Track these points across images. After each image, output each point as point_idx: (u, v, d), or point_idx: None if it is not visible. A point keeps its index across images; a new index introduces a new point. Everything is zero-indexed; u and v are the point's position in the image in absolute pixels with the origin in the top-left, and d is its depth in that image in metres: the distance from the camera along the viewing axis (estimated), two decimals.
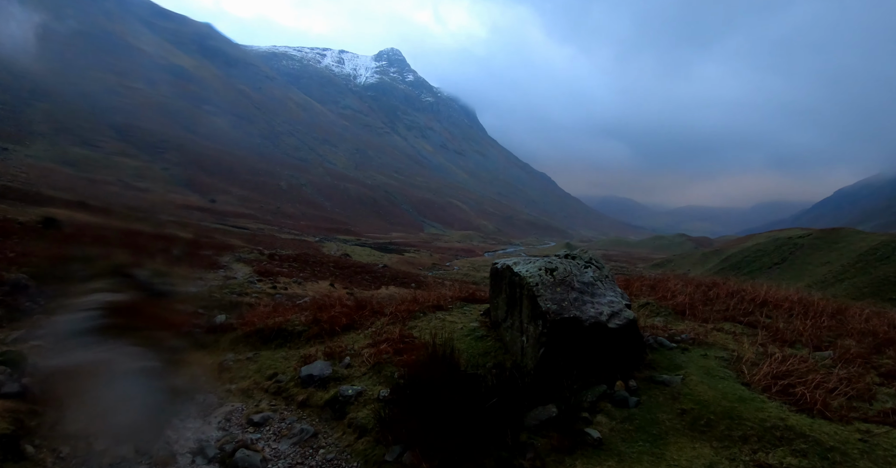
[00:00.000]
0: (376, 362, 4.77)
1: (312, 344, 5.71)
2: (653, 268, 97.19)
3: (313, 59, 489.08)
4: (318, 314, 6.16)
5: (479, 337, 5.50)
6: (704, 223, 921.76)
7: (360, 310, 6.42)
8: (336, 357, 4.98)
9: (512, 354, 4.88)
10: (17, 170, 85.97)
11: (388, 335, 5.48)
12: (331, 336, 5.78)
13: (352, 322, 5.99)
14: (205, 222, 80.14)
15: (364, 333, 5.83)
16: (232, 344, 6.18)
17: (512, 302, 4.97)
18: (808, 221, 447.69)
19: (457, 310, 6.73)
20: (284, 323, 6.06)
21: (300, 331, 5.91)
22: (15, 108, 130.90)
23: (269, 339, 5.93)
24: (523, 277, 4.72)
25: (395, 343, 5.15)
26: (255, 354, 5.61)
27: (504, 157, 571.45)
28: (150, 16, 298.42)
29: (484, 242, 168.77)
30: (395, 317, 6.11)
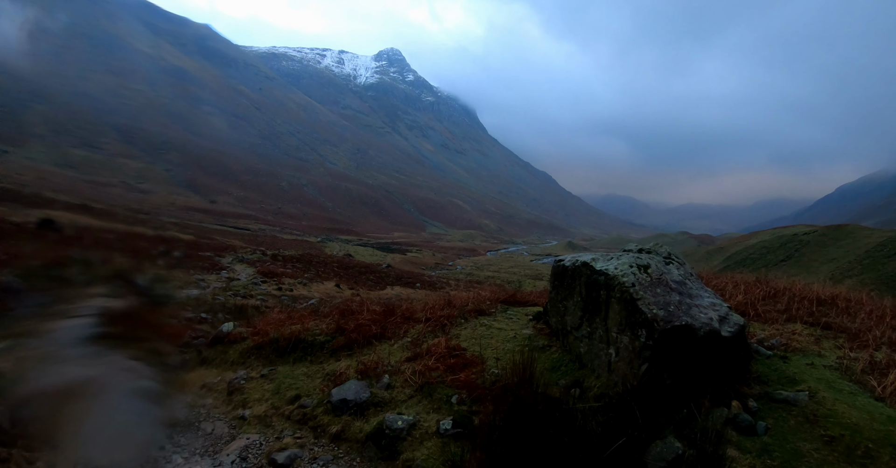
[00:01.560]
0: (424, 383, 3.82)
1: (339, 357, 4.77)
2: None
3: (313, 60, 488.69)
4: (342, 321, 5.21)
5: (538, 347, 4.57)
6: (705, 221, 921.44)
7: (390, 316, 5.47)
8: (372, 375, 4.04)
9: (593, 370, 3.95)
10: (14, 172, 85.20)
11: (430, 347, 4.54)
12: (359, 347, 4.83)
13: (382, 330, 5.04)
14: (205, 223, 79.33)
15: (399, 344, 4.88)
16: (242, 357, 5.23)
17: (591, 306, 4.03)
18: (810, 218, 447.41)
19: (500, 314, 5.81)
20: (303, 332, 5.11)
21: (322, 343, 4.96)
22: (12, 110, 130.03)
23: (286, 352, 4.98)
24: (613, 276, 3.78)
25: (444, 357, 4.20)
26: (270, 371, 4.66)
27: (505, 156, 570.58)
28: (150, 17, 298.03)
29: (486, 241, 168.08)
30: (434, 325, 5.17)
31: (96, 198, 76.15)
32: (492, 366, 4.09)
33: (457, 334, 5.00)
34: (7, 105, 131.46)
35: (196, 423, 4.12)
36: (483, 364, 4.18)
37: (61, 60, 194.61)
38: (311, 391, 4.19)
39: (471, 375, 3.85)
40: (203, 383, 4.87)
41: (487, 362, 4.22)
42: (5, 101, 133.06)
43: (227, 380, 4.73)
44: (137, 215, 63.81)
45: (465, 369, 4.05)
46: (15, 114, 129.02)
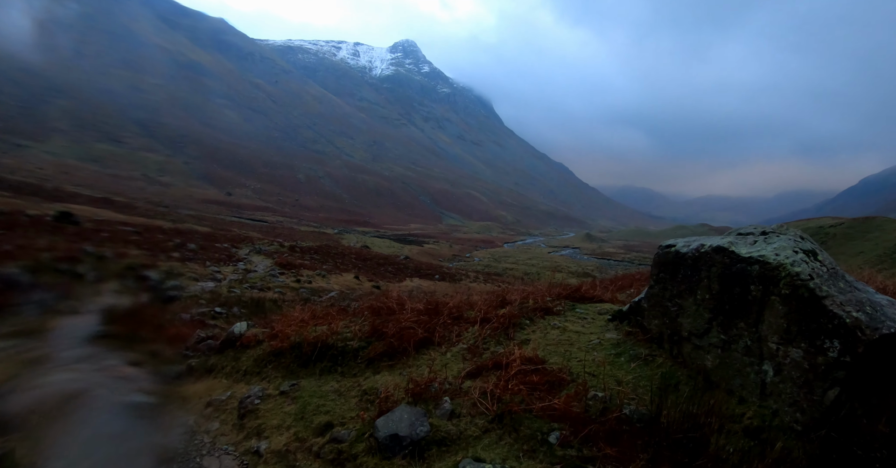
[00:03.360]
0: (503, 410, 2.77)
1: (377, 368, 3.74)
2: None
3: (329, 52, 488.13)
4: (379, 322, 4.18)
5: (637, 358, 3.51)
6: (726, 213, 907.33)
7: (435, 315, 4.42)
8: (427, 397, 3.00)
9: (730, 392, 2.88)
10: (34, 166, 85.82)
11: (497, 357, 3.49)
12: (403, 357, 3.80)
13: (429, 334, 4.00)
14: (222, 215, 79.26)
15: (453, 352, 3.84)
16: (257, 365, 4.23)
17: (730, 306, 2.94)
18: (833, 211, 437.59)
19: (569, 313, 4.74)
20: (331, 336, 4.11)
21: (356, 350, 3.96)
22: (31, 105, 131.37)
23: (311, 360, 3.97)
24: (777, 266, 2.71)
25: (520, 372, 3.15)
26: (292, 386, 3.65)
27: (521, 148, 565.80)
28: (167, 12, 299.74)
29: (503, 233, 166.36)
30: (492, 327, 4.11)
31: (119, 191, 76.46)
32: (591, 386, 3.02)
33: (525, 339, 3.95)
34: (26, 100, 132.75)
35: (197, 458, 3.14)
36: (575, 382, 3.12)
37: (81, 56, 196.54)
38: (345, 417, 3.16)
39: (570, 401, 2.79)
40: (209, 399, 3.89)
41: (580, 379, 3.17)
42: (24, 97, 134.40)
43: (239, 396, 3.74)
44: (157, 208, 63.72)
45: (554, 390, 2.99)
46: (34, 109, 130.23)
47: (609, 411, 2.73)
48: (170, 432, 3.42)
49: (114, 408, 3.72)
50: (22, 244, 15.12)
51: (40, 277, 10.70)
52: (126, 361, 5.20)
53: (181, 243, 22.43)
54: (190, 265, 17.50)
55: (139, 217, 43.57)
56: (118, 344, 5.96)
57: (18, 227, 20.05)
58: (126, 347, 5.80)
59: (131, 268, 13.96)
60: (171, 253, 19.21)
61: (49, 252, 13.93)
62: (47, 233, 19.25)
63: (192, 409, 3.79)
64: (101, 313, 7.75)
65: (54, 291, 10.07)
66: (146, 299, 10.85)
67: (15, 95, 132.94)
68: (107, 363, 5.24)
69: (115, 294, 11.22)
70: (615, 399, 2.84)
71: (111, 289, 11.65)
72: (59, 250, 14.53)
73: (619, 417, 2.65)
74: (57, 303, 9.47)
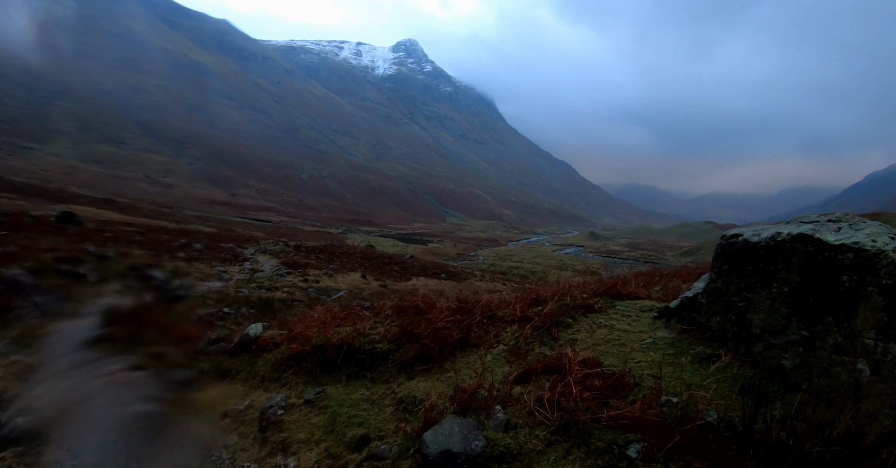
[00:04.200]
0: (568, 420, 2.43)
1: (411, 373, 3.41)
2: (682, 256, 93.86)
3: (331, 52, 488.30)
4: (408, 323, 3.86)
5: (700, 358, 3.19)
6: (729, 210, 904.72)
7: (467, 314, 4.08)
8: (476, 406, 2.66)
9: (813, 394, 2.55)
10: (38, 167, 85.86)
11: (547, 359, 3.16)
12: (438, 359, 3.47)
13: (466, 335, 3.67)
14: (226, 216, 79.11)
15: (493, 354, 3.51)
16: (275, 370, 3.88)
17: (815, 298, 2.61)
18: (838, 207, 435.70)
19: (611, 310, 4.42)
20: (356, 337, 3.77)
21: (385, 353, 3.66)
22: (35, 107, 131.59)
23: (336, 365, 3.64)
24: (875, 253, 2.38)
25: (581, 376, 2.81)
26: (318, 394, 3.30)
27: (524, 146, 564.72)
28: (169, 13, 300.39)
29: (507, 232, 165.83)
30: (533, 326, 3.78)
31: (122, 192, 76.41)
32: (659, 389, 2.68)
33: (571, 339, 3.62)
34: (29, 102, 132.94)
35: None
36: (640, 386, 2.79)
37: (84, 58, 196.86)
38: (383, 430, 2.81)
39: (643, 408, 2.45)
40: (225, 409, 3.55)
41: (645, 382, 2.84)
42: (28, 99, 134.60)
43: (258, 405, 3.41)
44: (160, 209, 63.61)
45: (619, 395, 2.66)
46: (38, 111, 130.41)
47: (689, 419, 2.39)
48: (183, 447, 3.09)
49: (117, 419, 3.40)
50: (25, 245, 14.87)
51: (42, 279, 10.43)
52: (129, 365, 4.88)
53: (186, 243, 22.18)
54: (196, 265, 17.23)
55: (142, 218, 43.40)
56: (120, 347, 5.63)
57: (22, 228, 19.82)
58: (129, 350, 5.48)
59: (135, 268, 13.65)
60: (177, 253, 18.96)
61: (51, 253, 13.66)
62: (50, 233, 19.01)
63: (206, 420, 3.46)
64: (103, 314, 7.43)
65: (55, 293, 9.78)
66: (150, 299, 10.57)
67: (19, 97, 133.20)
68: (108, 368, 4.92)
69: (118, 294, 10.93)
70: (692, 404, 2.51)
71: (113, 290, 11.36)
72: (61, 251, 14.26)
73: (702, 426, 2.31)
74: (58, 305, 9.17)
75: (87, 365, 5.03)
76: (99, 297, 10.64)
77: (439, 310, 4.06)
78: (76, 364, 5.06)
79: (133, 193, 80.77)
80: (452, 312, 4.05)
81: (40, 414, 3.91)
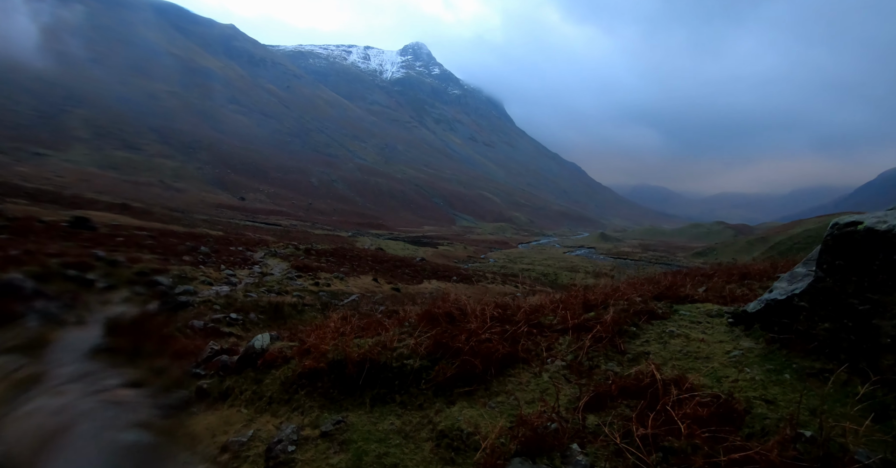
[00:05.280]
0: (678, 466, 1.81)
1: (450, 396, 2.76)
2: (694, 257, 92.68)
3: (339, 57, 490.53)
4: (442, 334, 3.24)
5: (808, 375, 2.55)
6: (740, 210, 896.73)
7: (508, 322, 3.46)
8: (548, 445, 2.02)
9: None
10: (53, 174, 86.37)
11: (622, 379, 2.54)
12: (483, 379, 2.84)
13: (513, 349, 3.04)
14: (236, 219, 79.10)
15: (550, 372, 2.88)
16: (285, 390, 3.23)
17: None
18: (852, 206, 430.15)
19: (675, 316, 3.77)
20: (381, 351, 3.13)
21: (417, 371, 3.04)
22: (49, 114, 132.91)
23: (357, 385, 3.01)
24: None
25: (675, 403, 2.18)
26: (337, 424, 2.65)
27: (533, 148, 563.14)
28: (179, 21, 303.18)
29: (517, 234, 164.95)
30: (593, 336, 3.15)
31: (137, 197, 76.68)
32: (792, 420, 2.04)
33: (642, 352, 2.99)
34: (40, 109, 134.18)
35: None
36: (751, 413, 2.16)
37: (97, 65, 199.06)
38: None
39: (780, 449, 1.81)
40: (225, 441, 2.93)
41: (756, 409, 2.21)
42: (38, 106, 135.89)
43: (265, 436, 2.79)
44: (172, 213, 63.64)
45: (732, 427, 2.02)
46: (51, 118, 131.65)
47: (835, 460, 1.76)
48: None
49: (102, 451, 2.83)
50: (31, 249, 14.42)
51: (47, 284, 9.96)
52: (125, 381, 4.34)
53: (194, 247, 21.73)
54: (203, 269, 16.74)
55: (155, 222, 43.25)
56: (119, 359, 5.12)
57: (31, 232, 19.43)
58: (128, 363, 4.95)
59: (143, 274, 13.20)
60: (184, 256, 18.49)
61: (59, 257, 13.20)
62: (60, 238, 18.61)
63: (202, 454, 2.85)
64: (105, 324, 6.95)
65: (60, 299, 9.31)
66: (154, 307, 10.03)
67: (29, 104, 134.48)
68: (103, 383, 4.39)
69: (124, 302, 10.46)
70: (835, 440, 1.87)
71: (121, 297, 10.89)
72: (69, 256, 13.82)
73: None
74: (62, 312, 8.70)
75: (86, 377, 4.56)
76: (105, 305, 10.17)
77: (476, 318, 3.43)
78: (75, 376, 4.61)
79: (147, 198, 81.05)
80: (492, 321, 3.42)
81: (19, 443, 3.38)
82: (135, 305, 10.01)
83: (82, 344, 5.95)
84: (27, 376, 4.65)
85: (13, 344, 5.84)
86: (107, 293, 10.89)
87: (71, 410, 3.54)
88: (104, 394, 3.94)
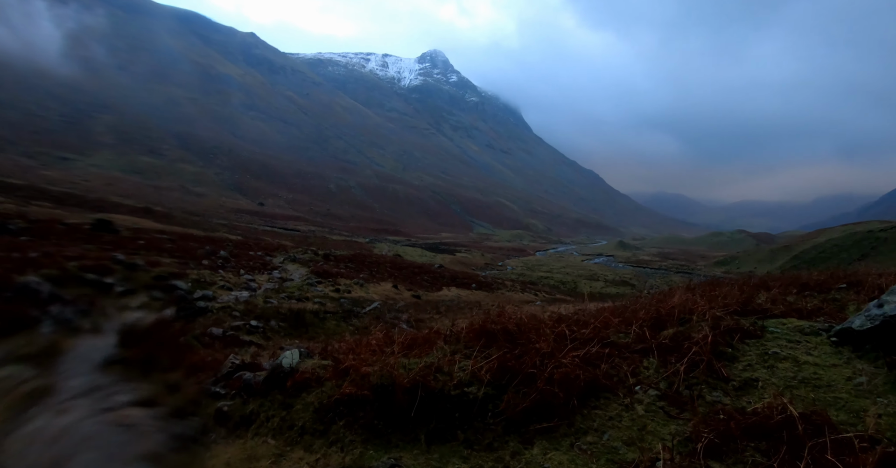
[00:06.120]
0: None
1: (526, 434, 2.23)
2: (715, 267, 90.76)
3: (358, 64, 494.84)
4: (507, 357, 2.69)
5: None
6: (762, 218, 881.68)
7: (579, 342, 2.90)
8: None
9: None
10: (79, 178, 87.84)
11: (733, 413, 2.01)
12: (565, 413, 2.31)
13: (593, 375, 2.49)
14: (254, 224, 79.48)
15: (644, 403, 2.35)
16: (319, 419, 2.69)
17: None
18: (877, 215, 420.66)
19: (767, 334, 3.21)
20: (435, 376, 2.63)
21: (482, 401, 2.49)
22: (73, 119, 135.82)
23: (409, 417, 2.51)
24: None
25: (817, 447, 1.65)
26: (392, 467, 2.16)
27: (550, 155, 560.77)
28: (200, 29, 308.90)
29: (534, 241, 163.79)
30: (692, 359, 2.61)
31: (158, 201, 77.61)
32: None
33: (749, 378, 2.45)
34: (66, 114, 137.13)
35: None
36: None
37: (122, 71, 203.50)
38: None
39: None
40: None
41: None
42: (65, 111, 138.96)
43: None
44: (192, 217, 64.10)
45: None
46: (77, 123, 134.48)
47: None
48: None
49: None
50: (50, 251, 14.24)
51: (64, 288, 9.65)
52: (136, 398, 3.90)
53: (213, 251, 21.50)
54: (222, 273, 16.43)
55: (176, 226, 43.45)
56: (133, 372, 4.70)
57: (52, 235, 19.38)
58: (141, 377, 4.52)
59: (161, 278, 12.90)
60: (202, 260, 18.24)
61: (78, 260, 12.94)
62: (81, 241, 18.50)
63: None
64: (121, 333, 6.57)
65: (77, 304, 8.97)
66: (171, 313, 9.63)
67: (56, 110, 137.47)
68: (113, 399, 3.97)
69: (141, 307, 10.11)
70: None
71: (138, 302, 10.55)
72: (89, 259, 13.57)
73: None
74: (78, 318, 8.34)
75: (95, 392, 4.16)
76: (122, 311, 9.82)
77: (539, 335, 2.89)
78: (84, 390, 4.21)
79: (168, 202, 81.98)
80: (560, 341, 2.87)
81: None
82: (152, 311, 9.65)
83: (95, 354, 5.58)
84: (34, 389, 4.27)
85: (25, 352, 5.48)
86: (124, 298, 10.56)
87: (73, 435, 3.10)
88: (112, 414, 3.51)
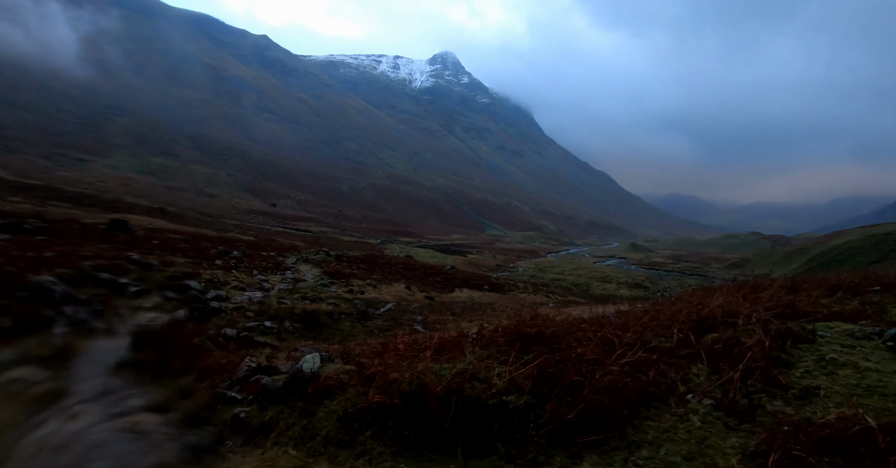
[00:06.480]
0: None
1: (573, 449, 1.99)
2: (729, 269, 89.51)
3: (369, 66, 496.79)
4: (548, 363, 2.50)
5: None
6: (776, 220, 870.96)
7: (620, 347, 2.68)
8: None
9: None
10: (95, 178, 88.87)
11: (801, 425, 1.80)
12: (615, 424, 2.09)
13: (642, 383, 2.27)
14: (266, 225, 79.87)
15: (700, 413, 2.12)
16: (345, 428, 2.48)
17: None
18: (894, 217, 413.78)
19: (818, 338, 2.99)
20: (470, 383, 2.42)
21: (523, 411, 2.31)
22: (90, 120, 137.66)
23: (443, 428, 2.33)
24: None
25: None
26: None
27: (562, 157, 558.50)
28: (213, 31, 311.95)
29: (546, 243, 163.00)
30: (747, 365, 2.40)
31: (172, 202, 78.29)
32: None
33: (809, 386, 2.25)
34: (82, 116, 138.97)
35: None
36: None
37: (136, 74, 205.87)
38: None
39: None
40: None
41: None
42: (81, 113, 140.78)
43: None
44: (204, 218, 64.53)
45: None
46: (94, 125, 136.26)
47: None
48: None
49: None
50: (65, 251, 14.24)
51: (78, 288, 9.57)
52: (149, 403, 3.75)
53: (226, 251, 21.48)
54: (235, 273, 16.37)
55: (189, 226, 43.71)
56: (145, 375, 4.57)
57: (68, 234, 19.43)
58: (154, 380, 4.38)
59: (174, 278, 12.84)
60: (215, 261, 18.20)
61: (93, 260, 12.92)
62: (97, 240, 18.53)
63: None
64: (134, 334, 6.45)
65: (91, 305, 8.90)
66: (184, 313, 9.51)
67: (73, 112, 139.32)
68: (125, 404, 3.83)
69: (155, 308, 10.01)
70: None
71: (152, 302, 10.48)
72: (103, 258, 13.56)
73: None
74: (92, 319, 8.27)
75: (106, 397, 4.04)
76: (136, 312, 9.73)
77: (580, 339, 2.68)
78: (96, 394, 4.09)
79: (181, 203, 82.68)
80: (606, 347, 2.65)
81: None
82: (165, 311, 9.55)
83: (108, 356, 5.46)
84: (46, 392, 4.15)
85: (38, 353, 5.37)
86: (138, 298, 10.49)
87: (83, 442, 2.95)
88: (123, 420, 3.37)
